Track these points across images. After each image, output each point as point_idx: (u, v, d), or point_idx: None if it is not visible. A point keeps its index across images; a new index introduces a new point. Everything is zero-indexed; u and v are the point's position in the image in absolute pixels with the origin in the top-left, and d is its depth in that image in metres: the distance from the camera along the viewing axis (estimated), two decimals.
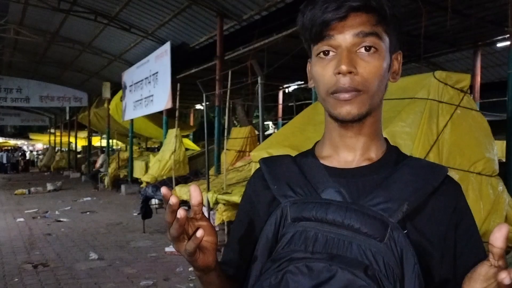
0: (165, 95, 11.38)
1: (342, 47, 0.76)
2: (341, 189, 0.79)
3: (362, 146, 0.83)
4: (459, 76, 3.52)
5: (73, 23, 14.04)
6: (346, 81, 0.75)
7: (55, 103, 21.56)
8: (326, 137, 0.88)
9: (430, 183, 0.78)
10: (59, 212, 10.45)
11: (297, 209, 0.77)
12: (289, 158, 0.90)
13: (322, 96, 0.80)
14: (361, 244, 0.71)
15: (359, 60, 0.75)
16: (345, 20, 0.75)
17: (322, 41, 0.77)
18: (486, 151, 3.42)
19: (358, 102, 0.76)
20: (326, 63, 0.78)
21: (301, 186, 0.81)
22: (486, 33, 8.78)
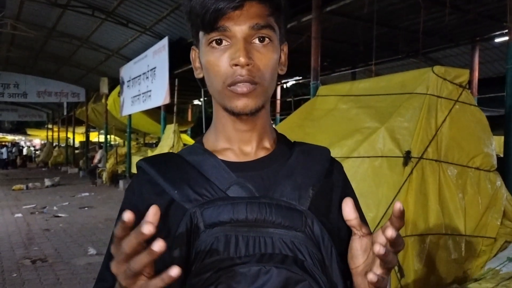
0: (163, 91, 11.36)
1: (238, 37, 0.73)
2: (247, 184, 0.76)
3: (258, 138, 0.82)
4: (458, 71, 3.53)
5: (70, 18, 13.98)
6: (244, 73, 0.72)
7: (53, 99, 21.48)
8: (219, 130, 0.83)
9: (323, 165, 0.83)
10: (57, 208, 10.44)
11: (211, 214, 0.71)
12: (177, 156, 0.83)
13: (216, 88, 0.76)
14: (283, 238, 0.70)
15: (254, 52, 0.73)
16: (241, 10, 0.71)
17: (215, 30, 0.73)
18: (485, 146, 3.43)
19: (255, 95, 0.74)
20: (220, 53, 0.74)
21: (205, 187, 0.75)
22: (484, 28, 8.78)
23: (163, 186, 0.76)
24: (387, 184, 3.22)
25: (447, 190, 3.19)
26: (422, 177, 3.18)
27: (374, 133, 3.48)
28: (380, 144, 3.40)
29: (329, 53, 9.67)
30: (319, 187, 0.79)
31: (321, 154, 0.86)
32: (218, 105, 0.81)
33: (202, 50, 0.78)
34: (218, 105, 0.81)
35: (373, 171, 3.33)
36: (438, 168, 3.24)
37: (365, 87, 4.00)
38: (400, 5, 7.24)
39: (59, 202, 11.31)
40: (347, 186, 0.87)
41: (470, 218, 3.18)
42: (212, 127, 0.86)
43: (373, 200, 3.20)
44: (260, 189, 0.76)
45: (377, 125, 3.53)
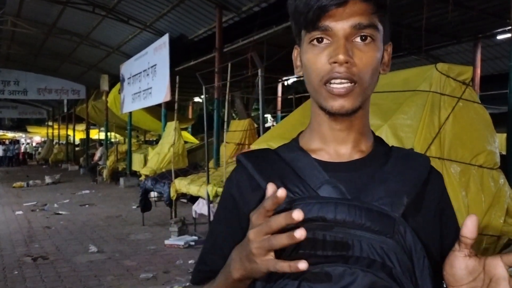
0: (164, 88, 11.34)
1: (339, 36, 0.72)
2: (338, 184, 0.76)
3: (354, 139, 0.81)
4: (461, 68, 3.50)
5: (71, 15, 13.94)
6: (342, 70, 0.72)
7: (53, 96, 21.47)
8: (314, 129, 0.83)
9: (421, 173, 0.80)
10: (58, 205, 10.44)
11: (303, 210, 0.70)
12: (273, 153, 0.84)
13: (313, 86, 0.76)
14: (372, 242, 0.69)
15: (355, 50, 0.72)
16: (344, 7, 0.71)
17: (317, 28, 0.73)
18: (488, 144, 3.41)
19: (352, 95, 0.73)
20: (319, 51, 0.74)
21: (296, 184, 0.76)
22: (487, 25, 8.75)
23: (258, 180, 0.79)
24: None
25: (450, 187, 3.17)
26: None
27: (377, 130, 3.45)
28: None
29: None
30: (414, 196, 0.77)
31: (420, 162, 0.83)
32: (314, 104, 0.81)
33: (303, 48, 0.78)
34: (314, 103, 0.80)
35: None
36: (442, 166, 3.21)
37: None
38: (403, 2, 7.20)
39: (59, 200, 11.31)
40: (443, 198, 0.84)
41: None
42: (308, 125, 0.86)
43: None
44: (351, 191, 0.75)
45: (379, 122, 3.50)
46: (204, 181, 6.26)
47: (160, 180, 7.70)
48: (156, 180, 7.79)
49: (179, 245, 6.42)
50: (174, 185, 7.00)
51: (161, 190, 7.58)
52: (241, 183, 0.82)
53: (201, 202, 6.45)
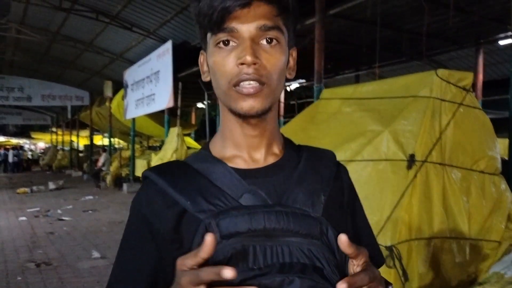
0: (167, 94, 11.39)
1: (245, 37, 0.72)
2: (259, 191, 0.74)
3: (267, 143, 0.80)
4: (461, 74, 3.51)
5: (75, 22, 14.06)
6: (250, 71, 0.71)
7: (57, 102, 21.57)
8: (226, 136, 0.81)
9: (331, 169, 0.84)
10: (61, 211, 10.47)
11: (228, 224, 0.69)
12: (184, 165, 0.80)
13: (222, 89, 0.75)
14: (300, 246, 0.69)
15: (262, 52, 0.72)
16: (248, 8, 0.70)
17: (222, 31, 0.72)
18: (489, 150, 3.42)
19: (261, 96, 0.73)
20: (226, 53, 0.73)
21: (217, 197, 0.73)
22: (489, 30, 8.76)
23: (174, 196, 0.74)
24: (391, 187, 3.21)
25: (451, 193, 3.18)
26: (426, 181, 3.17)
27: (378, 136, 3.47)
28: (384, 147, 3.40)
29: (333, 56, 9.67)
30: (329, 192, 0.79)
31: (328, 158, 0.86)
32: (225, 109, 0.79)
33: (209, 52, 0.76)
34: (225, 108, 0.79)
35: (377, 175, 3.33)
36: (442, 172, 3.22)
37: (369, 90, 3.99)
38: (404, 8, 7.23)
39: (63, 205, 11.34)
40: (352, 190, 0.88)
41: (474, 221, 3.16)
42: (218, 133, 0.83)
43: (377, 203, 3.19)
44: (272, 196, 0.75)
45: (380, 128, 3.52)
46: None
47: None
48: None
49: None
50: None
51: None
52: (152, 201, 0.76)
53: None
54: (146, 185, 0.79)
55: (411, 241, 2.97)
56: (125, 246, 0.80)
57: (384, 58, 9.66)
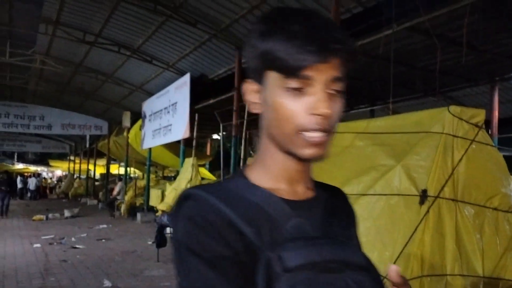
0: (183, 125, 11.58)
1: (318, 87, 0.73)
2: (306, 223, 0.75)
3: (307, 178, 0.84)
4: (473, 111, 3.54)
5: (97, 54, 14.55)
6: (321, 123, 0.73)
7: (76, 131, 22.03)
8: (269, 168, 0.81)
9: (349, 203, 0.91)
10: (75, 239, 10.54)
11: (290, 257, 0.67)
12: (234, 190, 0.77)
13: (285, 132, 0.75)
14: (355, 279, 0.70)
15: (330, 102, 0.74)
16: (325, 63, 0.73)
17: (296, 77, 0.72)
18: (502, 187, 3.40)
19: (325, 144, 0.76)
20: (295, 98, 0.74)
21: (273, 227, 0.72)
22: (503, 68, 8.78)
23: (235, 222, 0.71)
24: (404, 222, 3.20)
25: (464, 230, 3.15)
26: (439, 216, 3.16)
27: (390, 171, 3.49)
28: (396, 182, 3.41)
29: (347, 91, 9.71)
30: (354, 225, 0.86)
31: (341, 192, 0.93)
32: (270, 142, 0.80)
33: (271, 89, 0.76)
34: (271, 142, 0.80)
35: (390, 209, 3.32)
36: (455, 208, 3.21)
37: (382, 125, 4.03)
38: (417, 45, 7.34)
39: (77, 233, 11.42)
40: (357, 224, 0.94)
41: (488, 259, 3.12)
42: (259, 163, 0.82)
43: (389, 238, 3.18)
44: (316, 229, 0.76)
45: (393, 163, 3.54)
46: None
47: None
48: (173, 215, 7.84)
49: None
50: None
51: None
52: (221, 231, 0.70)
53: None
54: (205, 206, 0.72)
55: (424, 278, 2.94)
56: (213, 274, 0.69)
57: (398, 93, 9.72)
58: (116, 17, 11.83)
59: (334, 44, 0.73)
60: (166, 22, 11.19)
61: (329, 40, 0.73)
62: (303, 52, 0.71)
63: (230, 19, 9.80)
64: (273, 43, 0.73)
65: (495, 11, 6.14)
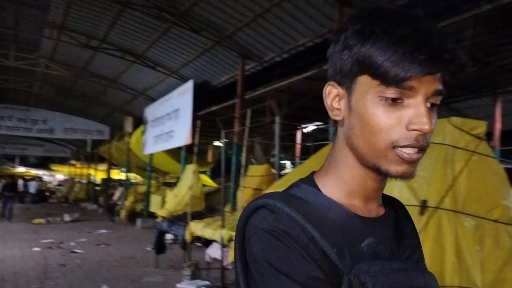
0: (185, 131, 11.61)
1: (419, 100, 0.66)
2: (379, 243, 0.71)
3: (380, 195, 0.79)
4: (475, 122, 3.54)
5: (101, 59, 14.63)
6: (421, 140, 0.67)
7: (78, 135, 22.12)
8: (344, 181, 0.75)
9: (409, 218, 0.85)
10: (74, 243, 10.52)
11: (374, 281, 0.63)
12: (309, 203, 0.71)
13: (375, 145, 0.68)
14: None
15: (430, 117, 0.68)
16: (433, 74, 0.66)
17: (398, 86, 0.65)
18: (503, 199, 3.39)
19: (417, 162, 0.69)
20: (392, 109, 0.67)
21: (348, 246, 0.67)
22: (506, 80, 8.80)
23: (320, 243, 0.66)
24: None
25: (464, 241, 3.14)
26: (439, 227, 3.15)
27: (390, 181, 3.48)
28: (396, 192, 3.40)
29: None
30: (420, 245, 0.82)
31: (402, 205, 0.86)
32: (356, 158, 0.73)
33: (362, 97, 0.69)
34: (356, 158, 0.73)
35: None
36: (455, 219, 3.20)
37: None
38: None
39: (76, 238, 11.40)
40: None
41: (488, 271, 3.10)
42: (333, 174, 0.76)
43: None
44: (387, 250, 0.73)
45: None
46: (219, 225, 6.28)
47: (176, 222, 7.74)
48: (172, 222, 7.84)
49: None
50: (190, 228, 7.03)
51: (176, 232, 7.60)
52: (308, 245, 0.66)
53: (215, 246, 6.44)
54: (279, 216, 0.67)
55: None
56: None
57: None
58: (121, 23, 11.91)
59: (446, 54, 0.65)
60: (170, 29, 11.26)
61: (440, 50, 0.64)
62: (411, 60, 0.63)
63: (234, 27, 9.86)
64: (375, 46, 0.65)
65: (499, 23, 6.17)
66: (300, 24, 8.85)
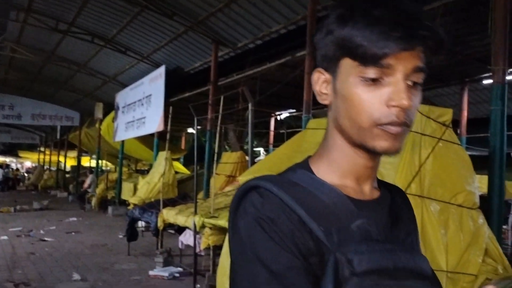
0: (157, 118, 11.48)
1: (398, 78, 0.68)
2: (371, 225, 0.72)
3: (374, 175, 0.80)
4: (441, 110, 3.64)
5: (70, 43, 14.23)
6: (402, 116, 0.68)
7: (47, 122, 21.55)
8: (336, 163, 0.76)
9: (410, 206, 0.85)
10: (44, 232, 10.32)
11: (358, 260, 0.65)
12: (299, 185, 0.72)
13: (359, 124, 0.70)
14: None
15: (410, 94, 0.69)
16: (409, 51, 0.67)
17: (376, 65, 0.67)
18: (467, 184, 3.51)
19: (402, 137, 0.71)
20: (372, 88, 0.68)
21: (341, 227, 0.69)
22: (473, 70, 9.04)
23: (304, 219, 0.67)
24: None
25: (429, 225, 3.24)
26: None
27: None
28: None
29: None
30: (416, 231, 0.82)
31: (404, 194, 0.87)
32: (339, 136, 0.75)
33: (345, 79, 0.71)
34: (345, 138, 0.75)
35: None
36: (421, 204, 3.30)
37: None
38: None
39: (46, 226, 11.18)
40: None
41: (452, 254, 3.22)
42: (325, 157, 0.77)
43: None
44: (380, 232, 0.73)
45: None
46: (192, 212, 6.27)
47: (148, 209, 7.69)
48: (144, 209, 7.78)
49: (164, 276, 6.37)
50: (162, 215, 7.00)
51: (148, 219, 7.56)
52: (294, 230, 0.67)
53: (188, 233, 6.44)
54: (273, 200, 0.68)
55: None
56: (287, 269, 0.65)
57: None
58: (91, 6, 11.59)
59: (422, 30, 0.67)
60: (141, 13, 11.03)
61: (416, 26, 0.66)
62: (385, 39, 0.65)
63: (207, 12, 9.74)
64: (352, 28, 0.67)
65: (467, 14, 6.31)
66: (274, 10, 8.82)
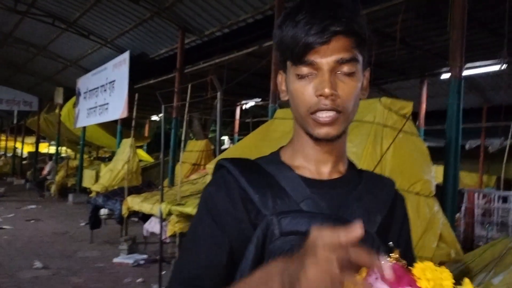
0: (121, 104, 11.27)
1: (324, 70, 0.76)
2: (319, 201, 0.80)
3: (334, 160, 0.86)
4: (402, 103, 3.81)
5: (29, 25, 13.68)
6: (327, 103, 0.77)
7: (3, 106, 20.72)
8: (297, 148, 0.87)
9: (389, 195, 0.90)
10: (1, 219, 10.01)
11: (288, 223, 0.75)
12: (255, 164, 0.86)
13: (300, 114, 0.81)
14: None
15: (339, 82, 0.77)
16: (328, 44, 0.75)
17: (303, 63, 0.77)
18: (424, 173, 3.70)
19: (337, 123, 0.79)
20: (305, 83, 0.78)
21: (281, 197, 0.79)
22: (432, 64, 9.39)
23: (247, 189, 0.80)
24: None
25: None
26: None
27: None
28: None
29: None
30: (385, 215, 0.84)
31: (388, 185, 0.93)
32: (299, 128, 0.85)
33: (289, 78, 0.82)
34: (299, 127, 0.85)
35: None
36: None
37: None
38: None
39: (3, 214, 10.83)
40: (406, 221, 0.93)
41: None
42: (290, 144, 0.90)
43: None
44: (331, 207, 0.80)
45: None
46: (158, 199, 6.27)
47: (111, 197, 7.62)
48: (108, 197, 7.70)
49: (128, 263, 6.37)
50: (127, 203, 6.95)
51: (112, 207, 7.48)
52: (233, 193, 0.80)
53: (153, 220, 6.44)
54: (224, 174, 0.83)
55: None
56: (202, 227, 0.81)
57: None
58: None
59: (334, 25, 0.75)
60: None
61: (329, 21, 0.75)
62: (304, 39, 0.75)
63: None
64: (282, 33, 0.79)
65: (427, 10, 6.55)
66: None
